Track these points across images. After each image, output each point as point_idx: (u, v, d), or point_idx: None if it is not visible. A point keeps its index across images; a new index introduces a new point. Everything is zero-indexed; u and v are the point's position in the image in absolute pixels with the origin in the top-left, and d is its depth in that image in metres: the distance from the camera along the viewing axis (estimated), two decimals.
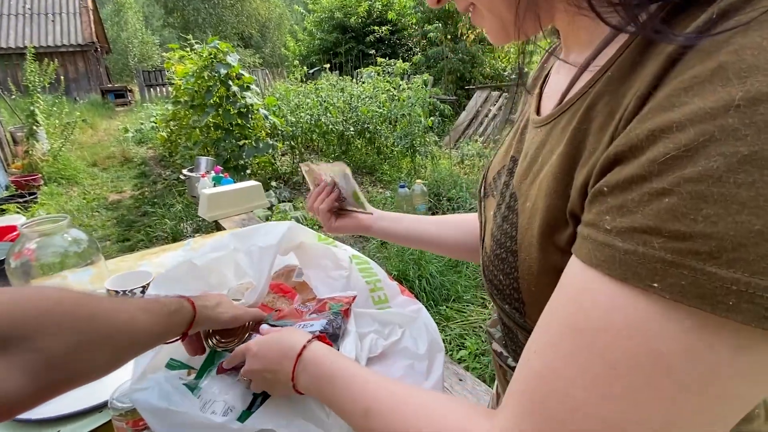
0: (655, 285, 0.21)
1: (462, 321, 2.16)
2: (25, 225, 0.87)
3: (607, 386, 0.23)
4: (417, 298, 0.68)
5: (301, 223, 0.94)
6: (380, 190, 4.37)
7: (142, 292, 0.87)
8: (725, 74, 0.20)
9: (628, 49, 0.27)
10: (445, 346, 2.09)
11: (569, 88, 0.34)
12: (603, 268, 0.24)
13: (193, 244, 1.42)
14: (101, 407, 0.61)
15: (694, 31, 0.22)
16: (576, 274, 0.26)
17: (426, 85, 4.80)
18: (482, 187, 0.49)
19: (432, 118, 4.79)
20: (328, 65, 6.32)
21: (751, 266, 0.19)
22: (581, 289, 0.26)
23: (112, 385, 0.58)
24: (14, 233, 2.99)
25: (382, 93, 4.98)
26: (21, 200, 3.91)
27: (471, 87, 6.91)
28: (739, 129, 0.19)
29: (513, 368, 0.42)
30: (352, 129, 4.76)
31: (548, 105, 0.39)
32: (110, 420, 0.58)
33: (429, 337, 0.60)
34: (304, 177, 1.07)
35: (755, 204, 0.19)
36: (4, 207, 3.75)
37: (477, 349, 1.94)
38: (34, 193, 4.15)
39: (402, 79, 5.35)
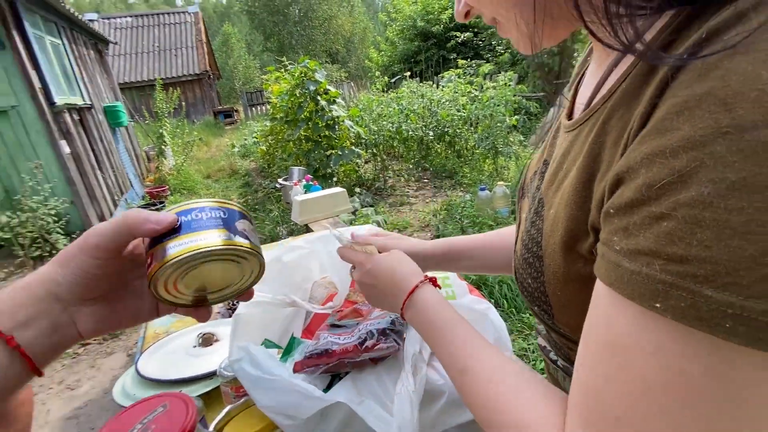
0: (657, 305, 0.22)
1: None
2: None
3: (645, 405, 0.24)
4: (497, 305, 0.68)
5: (382, 227, 1.01)
6: (460, 194, 4.31)
7: None
8: (713, 100, 0.20)
9: (640, 62, 0.27)
10: (531, 356, 1.98)
11: (595, 94, 0.34)
12: (616, 288, 0.25)
13: (284, 244, 1.58)
14: (212, 375, 0.73)
15: (685, 51, 0.22)
16: (600, 292, 0.27)
17: (510, 83, 4.61)
18: (521, 187, 0.49)
19: (517, 116, 4.58)
20: (408, 73, 6.44)
21: (745, 290, 0.19)
22: (607, 307, 0.26)
23: (223, 357, 0.69)
24: None
25: (462, 95, 4.92)
26: (154, 207, 4.68)
27: (560, 81, 6.45)
28: (727, 156, 0.19)
29: (554, 362, 0.43)
30: (431, 134, 4.78)
31: (579, 108, 0.39)
32: (219, 386, 0.69)
33: (495, 335, 0.60)
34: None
35: (746, 230, 0.19)
36: None
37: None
38: (163, 202, 4.94)
39: (485, 79, 5.22)
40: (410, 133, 4.72)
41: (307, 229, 2.69)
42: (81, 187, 3.57)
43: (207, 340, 0.83)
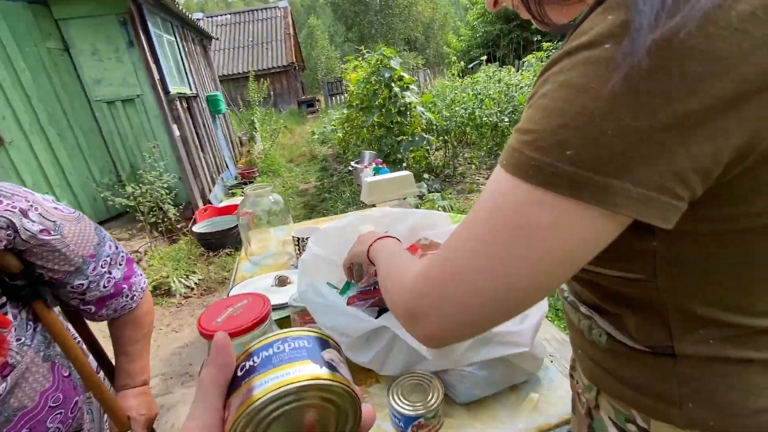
0: (504, 162, 0.33)
1: None
2: (247, 189, 1.26)
3: (467, 230, 0.35)
4: None
5: (447, 212, 1.10)
6: None
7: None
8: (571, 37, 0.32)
9: None
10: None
11: None
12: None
13: (351, 215, 1.73)
14: (284, 306, 0.88)
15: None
16: None
17: None
18: None
19: None
20: (485, 57, 6.25)
21: (544, 150, 0.30)
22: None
23: (293, 293, 0.84)
24: None
25: None
26: (244, 186, 5.23)
27: None
28: (565, 66, 0.30)
29: (565, 298, 0.51)
30: (507, 120, 4.63)
31: None
32: (289, 315, 0.83)
33: None
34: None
35: (557, 112, 0.30)
36: (234, 191, 5.10)
37: None
38: (252, 182, 5.50)
39: None
40: (484, 118, 4.62)
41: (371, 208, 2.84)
42: (187, 166, 4.14)
43: (282, 281, 0.99)
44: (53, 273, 0.71)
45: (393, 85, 4.26)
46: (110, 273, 0.78)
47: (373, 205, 2.87)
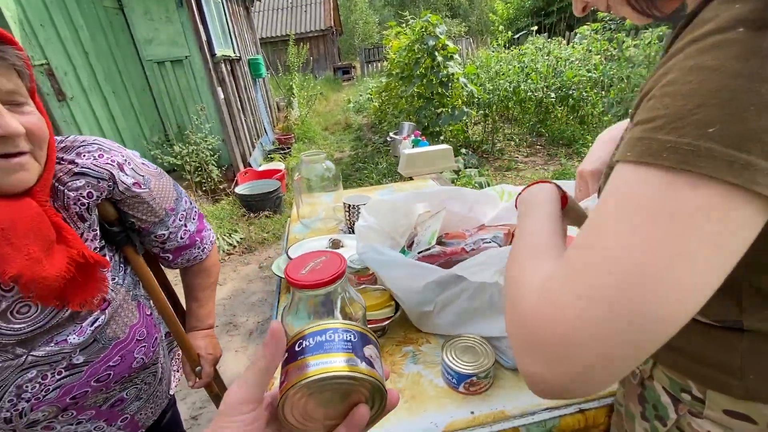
0: (629, 154, 0.31)
1: None
2: (303, 154, 1.31)
3: (606, 236, 0.31)
4: None
5: (484, 188, 1.12)
6: (575, 164, 4.00)
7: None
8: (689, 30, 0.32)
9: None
10: None
11: None
12: (615, 159, 0.34)
13: (395, 187, 1.76)
14: None
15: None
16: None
17: (660, 41, 3.97)
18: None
19: None
20: (535, 27, 5.91)
21: (679, 131, 0.29)
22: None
23: (348, 255, 0.89)
24: (279, 173, 4.08)
25: (597, 54, 4.40)
26: (282, 152, 5.34)
27: None
28: (691, 53, 0.30)
29: None
30: (553, 95, 4.43)
31: None
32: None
33: None
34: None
35: (689, 93, 0.29)
36: (272, 156, 5.22)
37: None
38: (289, 148, 5.60)
39: (628, 36, 4.57)
40: (529, 93, 4.44)
41: (410, 180, 2.85)
42: (230, 128, 4.27)
43: (335, 244, 1.05)
44: (141, 222, 0.79)
45: (436, 54, 4.15)
46: (186, 226, 0.86)
47: (411, 178, 2.88)
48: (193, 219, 0.88)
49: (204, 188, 3.89)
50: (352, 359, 0.31)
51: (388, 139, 4.25)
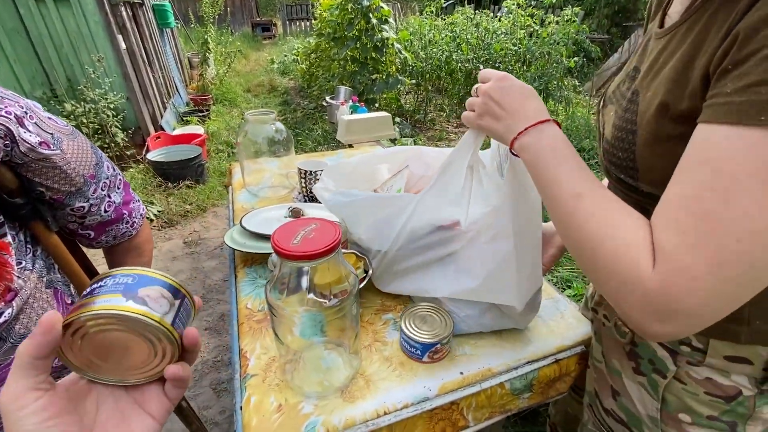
0: (762, 118, 0.30)
1: (571, 266, 2.15)
2: (248, 113, 1.17)
3: (738, 202, 0.31)
4: None
5: None
6: None
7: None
8: None
9: None
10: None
11: (692, 3, 0.41)
12: (721, 121, 0.32)
13: (344, 154, 1.69)
14: None
15: None
16: (699, 135, 0.35)
17: (574, 20, 4.27)
18: (602, 100, 0.58)
19: (575, 59, 4.31)
20: None
21: None
22: (704, 144, 0.34)
23: None
24: (198, 139, 3.71)
25: (521, 28, 4.61)
26: (199, 114, 4.82)
27: (630, 24, 5.89)
28: None
29: None
30: (481, 68, 4.57)
31: (670, 21, 0.47)
32: None
33: None
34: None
35: None
36: (188, 119, 4.69)
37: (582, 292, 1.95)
38: (208, 110, 5.06)
39: (547, 12, 4.83)
40: (459, 64, 4.53)
41: (350, 147, 2.77)
42: (135, 85, 3.70)
43: (296, 213, 0.97)
44: (53, 192, 0.64)
45: (371, 15, 3.99)
46: (110, 197, 0.73)
47: (350, 146, 2.80)
48: (118, 188, 0.75)
49: (108, 154, 3.37)
50: (115, 299, 0.30)
51: (324, 104, 4.05)
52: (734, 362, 0.46)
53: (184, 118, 4.79)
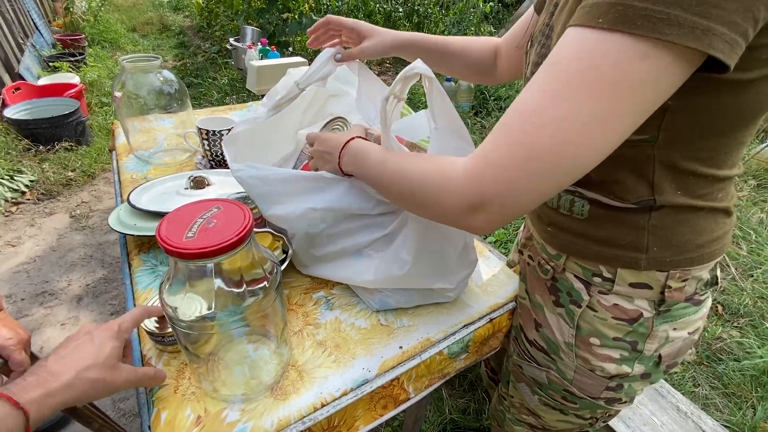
0: (600, 20, 0.32)
1: None
2: (123, 59, 0.94)
3: (558, 95, 0.33)
4: None
5: None
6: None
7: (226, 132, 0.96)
8: None
9: None
10: None
11: None
12: (573, 24, 0.34)
13: (254, 107, 1.49)
14: None
15: None
16: (561, 39, 0.35)
17: None
18: (529, 40, 0.57)
19: (491, 3, 4.29)
20: None
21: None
22: (557, 46, 0.35)
23: (218, 196, 0.70)
24: (74, 90, 3.10)
25: None
26: (72, 59, 3.97)
27: None
28: None
29: None
30: (401, 11, 4.36)
31: None
32: None
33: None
34: None
35: None
36: (56, 64, 3.84)
37: (502, 238, 2.07)
38: (83, 54, 4.19)
39: None
40: (378, 5, 4.26)
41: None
42: None
43: (199, 183, 0.82)
44: None
45: None
46: None
47: (263, 96, 2.54)
48: None
49: None
50: None
51: (228, 47, 3.56)
52: (637, 288, 0.52)
53: (52, 64, 3.91)
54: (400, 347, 0.62)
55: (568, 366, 0.60)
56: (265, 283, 0.46)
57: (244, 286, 0.45)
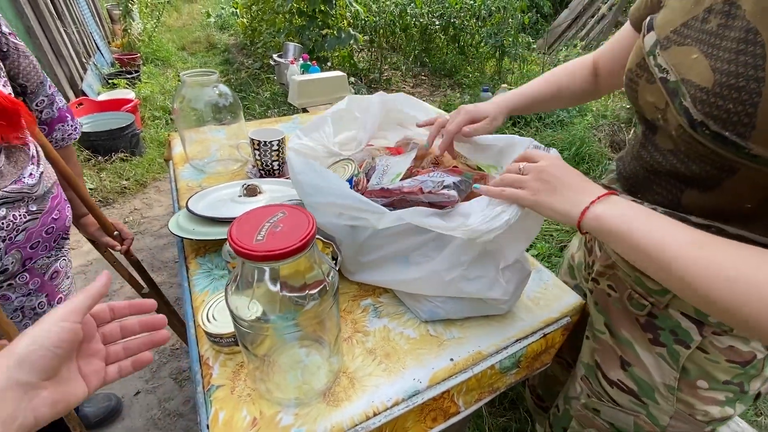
0: None
1: None
2: (184, 74, 1.00)
3: None
4: None
5: None
6: (458, 95, 4.17)
7: (279, 145, 0.99)
8: None
9: None
10: None
11: None
12: None
13: (299, 120, 1.54)
14: None
15: None
16: None
17: None
18: (658, 42, 0.49)
19: (529, 14, 4.25)
20: None
21: None
22: None
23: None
24: (130, 105, 3.32)
25: None
26: (128, 76, 4.28)
27: None
28: None
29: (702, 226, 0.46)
30: (437, 23, 4.40)
31: None
32: None
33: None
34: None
35: None
36: (115, 81, 4.15)
37: (544, 251, 2.00)
38: (138, 71, 4.50)
39: None
40: (414, 20, 4.32)
41: (304, 112, 2.58)
42: (44, 41, 3.17)
43: (252, 191, 0.85)
44: (28, 83, 0.80)
45: None
46: (57, 98, 0.88)
47: (304, 109, 2.61)
48: (60, 96, 0.90)
49: None
50: None
51: (271, 62, 3.72)
52: None
53: (111, 81, 4.23)
54: (451, 359, 0.61)
55: (664, 411, 0.55)
56: (325, 285, 0.47)
57: (306, 290, 0.46)
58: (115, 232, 1.02)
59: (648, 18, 0.51)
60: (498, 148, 0.68)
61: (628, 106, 3.31)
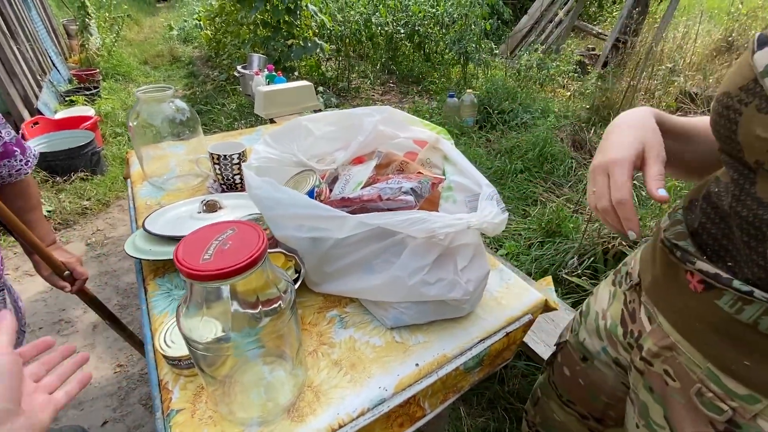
0: None
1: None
2: (138, 91, 0.97)
3: None
4: None
5: None
6: (426, 101, 4.24)
7: (239, 158, 0.98)
8: None
9: None
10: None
11: None
12: None
13: (263, 131, 1.53)
14: None
15: None
16: None
17: None
18: (746, 86, 0.40)
19: (490, 21, 4.37)
20: None
21: None
22: None
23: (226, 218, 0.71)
24: (89, 122, 3.21)
25: None
26: (87, 93, 4.13)
27: None
28: None
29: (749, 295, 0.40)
30: (402, 31, 4.46)
31: None
32: None
33: None
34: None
35: None
36: (73, 98, 3.99)
37: (513, 250, 2.05)
38: (97, 88, 4.35)
39: None
40: (379, 28, 4.37)
41: (271, 123, 2.56)
42: None
43: (211, 206, 0.84)
44: None
45: None
46: (1, 131, 0.79)
47: (271, 120, 2.59)
48: (8, 128, 0.81)
49: None
50: None
51: (236, 74, 3.67)
52: None
53: (68, 99, 4.07)
54: (417, 364, 0.61)
55: None
56: (280, 302, 0.47)
57: (260, 306, 0.45)
58: (66, 272, 0.93)
59: (757, 34, 0.40)
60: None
61: (587, 107, 3.45)
